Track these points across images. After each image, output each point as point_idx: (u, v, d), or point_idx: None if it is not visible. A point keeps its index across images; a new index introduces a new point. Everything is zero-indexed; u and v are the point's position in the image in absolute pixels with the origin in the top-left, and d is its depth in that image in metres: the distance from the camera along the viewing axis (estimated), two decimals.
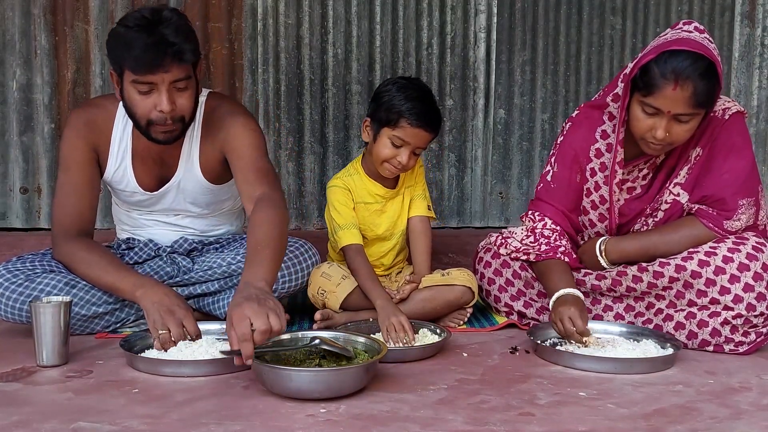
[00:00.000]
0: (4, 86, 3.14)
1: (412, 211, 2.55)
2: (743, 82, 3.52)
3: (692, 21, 2.14)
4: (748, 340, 2.13)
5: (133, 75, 2.04)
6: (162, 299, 2.07)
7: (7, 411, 1.65)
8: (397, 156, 2.38)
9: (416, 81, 2.46)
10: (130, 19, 2.05)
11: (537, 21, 3.38)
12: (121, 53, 2.05)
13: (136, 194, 2.35)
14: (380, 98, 2.40)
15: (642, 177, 2.31)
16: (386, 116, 2.36)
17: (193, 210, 2.42)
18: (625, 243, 2.31)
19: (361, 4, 3.27)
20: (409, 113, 2.34)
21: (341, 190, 2.47)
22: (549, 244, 2.33)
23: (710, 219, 2.20)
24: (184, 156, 2.32)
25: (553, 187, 2.39)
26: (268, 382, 1.75)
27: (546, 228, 2.36)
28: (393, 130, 2.36)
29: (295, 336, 1.97)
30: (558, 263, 2.29)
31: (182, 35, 2.04)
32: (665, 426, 1.62)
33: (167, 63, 2.02)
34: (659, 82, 2.03)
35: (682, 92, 2.01)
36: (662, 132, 2.08)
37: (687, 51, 2.02)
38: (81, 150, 2.26)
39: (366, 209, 2.49)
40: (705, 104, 2.06)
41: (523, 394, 1.81)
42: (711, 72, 2.02)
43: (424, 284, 2.38)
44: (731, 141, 2.21)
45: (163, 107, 2.06)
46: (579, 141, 2.34)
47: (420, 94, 2.38)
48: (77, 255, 2.20)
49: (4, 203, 3.21)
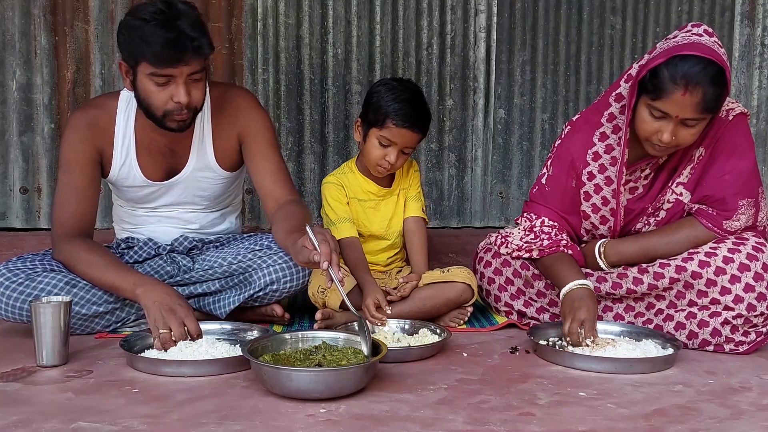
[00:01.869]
0: (4, 86, 3.14)
1: (407, 212, 2.59)
2: (743, 82, 3.52)
3: (701, 24, 2.12)
4: (748, 339, 2.13)
5: (152, 68, 2.08)
6: (163, 298, 2.07)
7: (7, 411, 1.65)
8: (385, 156, 2.42)
9: (406, 82, 2.49)
10: (146, 11, 2.07)
11: (537, 21, 3.38)
12: (139, 46, 2.07)
13: (144, 187, 2.36)
14: (370, 99, 2.45)
15: (644, 177, 2.31)
16: (374, 117, 2.41)
17: (200, 203, 2.43)
18: (624, 245, 2.31)
19: (361, 4, 3.27)
20: (395, 114, 2.38)
21: (335, 186, 2.52)
22: (551, 238, 2.33)
23: (710, 219, 2.20)
24: (195, 144, 2.35)
25: (547, 190, 2.39)
26: (268, 381, 1.75)
27: (545, 225, 2.37)
28: (380, 130, 2.41)
29: (296, 336, 1.98)
30: (563, 256, 2.30)
31: (199, 29, 2.09)
32: (665, 426, 1.62)
33: (187, 57, 2.07)
34: (669, 87, 2.02)
35: (692, 98, 2.00)
36: (668, 136, 2.07)
37: (698, 56, 2.00)
38: (83, 152, 2.26)
39: (359, 206, 2.54)
40: (713, 110, 2.06)
41: (523, 394, 1.81)
42: (720, 78, 2.01)
43: (423, 281, 2.39)
44: (734, 142, 2.21)
45: (180, 98, 2.11)
46: (576, 146, 2.35)
47: (408, 96, 2.41)
48: (77, 255, 2.20)
49: (4, 203, 3.21)
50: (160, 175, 2.36)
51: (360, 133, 2.49)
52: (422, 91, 2.50)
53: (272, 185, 2.33)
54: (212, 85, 2.39)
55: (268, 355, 1.86)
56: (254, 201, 3.31)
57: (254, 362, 1.76)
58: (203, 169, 2.37)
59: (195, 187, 2.39)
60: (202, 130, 2.35)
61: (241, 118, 2.36)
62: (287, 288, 2.31)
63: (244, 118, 2.36)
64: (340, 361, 1.82)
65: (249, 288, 2.30)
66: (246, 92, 2.46)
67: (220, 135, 2.36)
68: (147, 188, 2.36)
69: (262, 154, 2.35)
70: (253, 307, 2.35)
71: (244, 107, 2.37)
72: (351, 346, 1.93)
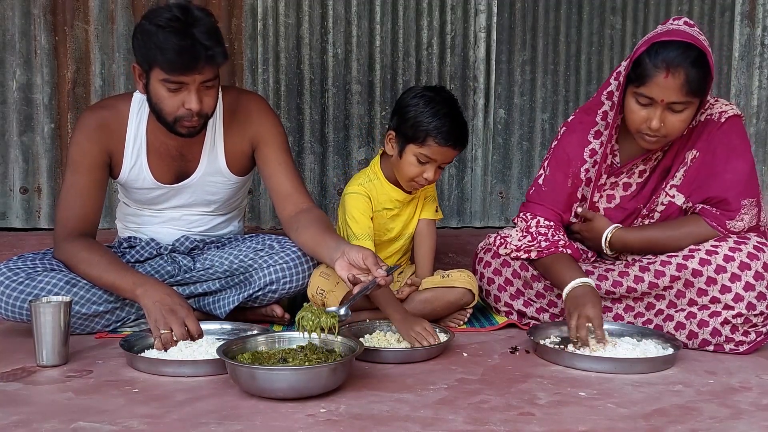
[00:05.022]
0: (4, 86, 3.14)
1: (422, 213, 2.52)
2: (743, 82, 3.52)
3: (682, 17, 2.19)
4: (748, 339, 2.13)
5: (165, 74, 2.08)
6: (163, 298, 2.07)
7: (7, 411, 1.65)
8: (423, 173, 2.31)
9: (443, 93, 2.36)
10: (161, 17, 2.06)
11: (537, 21, 3.38)
12: (153, 52, 2.06)
13: (154, 189, 2.36)
14: (406, 113, 2.30)
15: (638, 173, 2.32)
16: (413, 133, 2.28)
17: (208, 206, 2.44)
18: (629, 235, 2.31)
19: (361, 4, 3.27)
20: (437, 132, 2.26)
21: (362, 198, 2.39)
22: (548, 239, 2.34)
23: (713, 218, 2.21)
24: (206, 149, 2.35)
25: (544, 190, 2.41)
26: (238, 380, 1.77)
27: (540, 226, 2.37)
28: (420, 147, 2.28)
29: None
30: (561, 256, 2.30)
31: (214, 38, 2.08)
32: (665, 426, 1.63)
33: (201, 66, 2.06)
34: (651, 72, 2.07)
35: (674, 80, 2.05)
36: (657, 122, 2.11)
37: (677, 41, 2.07)
38: (91, 153, 2.27)
39: (385, 215, 2.44)
40: (697, 92, 2.09)
41: (523, 394, 1.81)
42: (702, 61, 2.07)
43: (424, 286, 2.38)
44: (731, 143, 2.23)
45: (192, 106, 2.11)
46: (573, 146, 2.36)
47: (448, 110, 2.29)
48: (78, 254, 2.20)
49: (4, 203, 3.21)
50: (170, 178, 2.36)
51: (394, 147, 2.35)
52: (457, 99, 2.37)
53: (291, 189, 2.33)
54: (225, 90, 2.37)
55: (248, 354, 1.88)
56: (254, 201, 3.31)
57: (228, 362, 1.77)
58: (214, 174, 2.37)
59: (204, 191, 2.39)
60: (213, 135, 2.35)
61: (253, 124, 2.36)
62: (286, 289, 2.31)
63: (256, 123, 2.36)
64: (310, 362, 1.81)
65: (249, 287, 2.29)
66: (258, 98, 2.47)
67: (231, 140, 2.36)
68: (157, 190, 2.37)
69: (277, 159, 2.35)
70: (252, 307, 2.35)
71: (256, 112, 2.37)
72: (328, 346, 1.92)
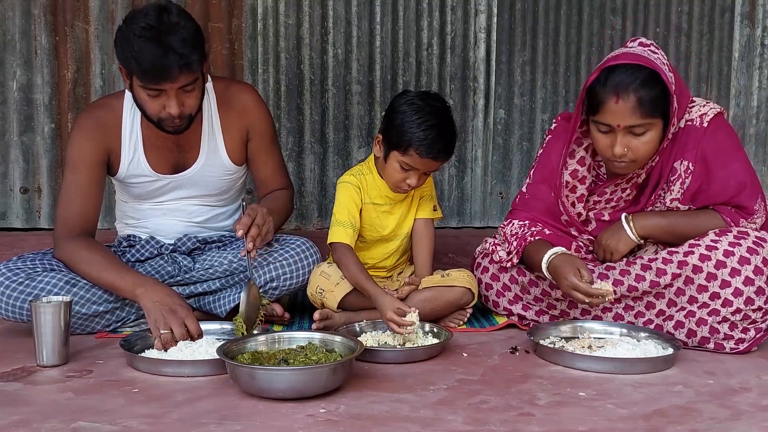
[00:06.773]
0: (5, 86, 3.14)
1: (419, 213, 2.49)
2: (743, 82, 3.52)
3: (638, 38, 2.21)
4: (747, 336, 2.13)
5: (141, 82, 2.10)
6: (163, 299, 2.07)
7: (7, 411, 1.65)
8: (406, 179, 2.30)
9: (434, 101, 2.30)
10: (137, 23, 2.06)
11: (537, 21, 3.38)
12: (129, 61, 2.08)
13: (155, 181, 2.37)
14: (393, 119, 2.27)
15: (622, 190, 2.34)
16: (396, 140, 2.26)
17: (209, 196, 2.45)
18: (649, 219, 2.29)
19: (361, 4, 3.27)
20: (420, 143, 2.22)
21: (353, 188, 2.38)
22: (517, 237, 2.37)
23: (730, 215, 2.24)
24: (205, 139, 2.37)
25: (527, 198, 2.44)
26: (238, 380, 1.77)
27: (512, 227, 2.40)
28: (402, 155, 2.26)
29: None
30: (532, 245, 2.31)
31: (189, 44, 2.07)
32: (665, 426, 1.63)
33: (175, 74, 2.07)
34: (603, 98, 2.10)
35: (625, 103, 2.07)
36: (620, 148, 2.12)
37: (625, 64, 2.08)
38: (90, 152, 2.28)
39: (375, 210, 2.42)
40: (653, 112, 2.10)
41: (523, 394, 1.81)
42: (654, 80, 2.07)
43: (423, 285, 2.37)
44: (723, 146, 2.24)
45: (172, 111, 2.14)
46: (555, 153, 2.38)
47: (435, 120, 2.24)
48: (78, 254, 2.21)
49: (4, 203, 3.21)
50: (169, 169, 2.38)
51: (380, 150, 2.33)
52: (449, 109, 2.32)
53: (270, 177, 2.48)
54: (215, 80, 2.43)
55: (248, 354, 1.88)
56: (254, 201, 3.31)
57: (228, 362, 1.78)
58: (214, 164, 2.39)
59: (205, 181, 2.41)
60: (211, 125, 2.38)
61: (248, 115, 2.42)
62: (287, 286, 2.32)
63: (251, 115, 2.42)
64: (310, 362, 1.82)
65: None
66: (250, 88, 2.53)
67: (230, 130, 2.40)
68: (157, 182, 2.38)
69: (266, 151, 2.47)
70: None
71: (249, 103, 2.43)
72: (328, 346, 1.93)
